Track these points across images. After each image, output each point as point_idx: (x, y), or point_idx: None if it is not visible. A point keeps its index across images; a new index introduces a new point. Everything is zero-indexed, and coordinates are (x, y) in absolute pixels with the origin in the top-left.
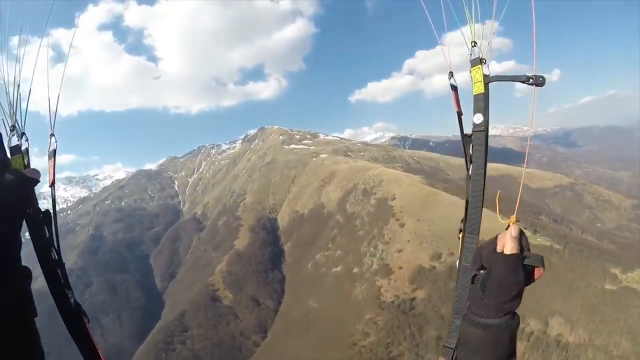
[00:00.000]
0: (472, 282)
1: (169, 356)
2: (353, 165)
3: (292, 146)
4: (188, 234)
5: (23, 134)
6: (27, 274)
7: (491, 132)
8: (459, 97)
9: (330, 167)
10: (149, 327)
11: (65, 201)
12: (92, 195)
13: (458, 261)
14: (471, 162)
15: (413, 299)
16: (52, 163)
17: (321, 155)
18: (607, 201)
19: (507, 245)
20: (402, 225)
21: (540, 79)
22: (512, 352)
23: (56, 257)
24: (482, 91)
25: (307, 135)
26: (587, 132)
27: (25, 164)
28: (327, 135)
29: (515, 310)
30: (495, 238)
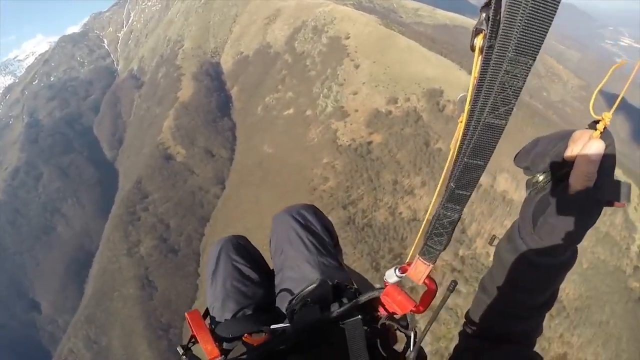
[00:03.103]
0: (526, 171)
1: (136, 227)
2: (301, 1)
3: None
4: (127, 93)
5: None
6: None
7: None
8: None
9: (275, 3)
10: (110, 201)
11: None
12: (17, 81)
13: (464, 95)
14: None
15: (369, 143)
16: None
17: None
18: (556, 74)
19: (578, 173)
20: (357, 67)
21: None
22: (558, 287)
23: None
24: None
25: None
26: None
27: None
28: None
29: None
30: (569, 136)
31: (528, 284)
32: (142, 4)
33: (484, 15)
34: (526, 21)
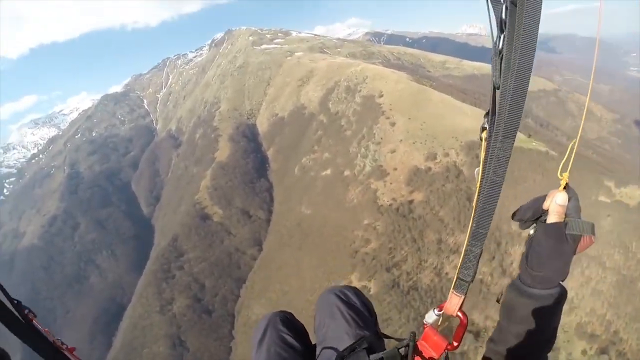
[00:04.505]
0: (521, 227)
1: (170, 284)
2: (332, 62)
3: (264, 46)
4: (165, 152)
5: None
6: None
7: (469, 30)
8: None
9: (307, 65)
10: (144, 256)
11: (35, 145)
12: (61, 133)
13: (482, 174)
14: (506, 28)
15: (411, 202)
16: None
17: (296, 54)
18: (590, 111)
19: (550, 213)
20: (392, 124)
21: None
22: (555, 325)
23: None
24: None
25: (279, 34)
26: (568, 40)
27: None
28: (299, 33)
29: (562, 283)
30: (546, 195)
31: (528, 316)
32: (180, 68)
33: (485, 119)
34: (505, 124)
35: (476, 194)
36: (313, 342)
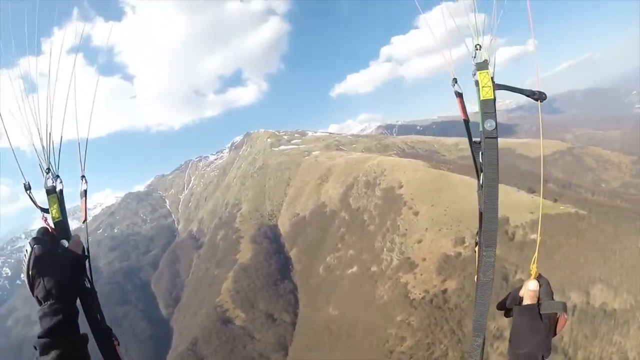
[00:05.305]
0: (505, 315)
1: None
2: (349, 158)
3: (282, 147)
4: (187, 253)
5: (57, 176)
6: (85, 340)
7: (475, 109)
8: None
9: (325, 163)
10: (161, 359)
11: None
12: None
13: (476, 276)
14: (482, 170)
15: (444, 291)
16: (84, 202)
17: (313, 153)
18: (607, 161)
19: (525, 298)
20: (416, 214)
21: (543, 95)
22: None
23: (89, 285)
24: (492, 97)
25: (295, 135)
26: (569, 97)
27: (60, 203)
28: (315, 132)
29: (546, 358)
30: (521, 286)
31: None
32: (201, 170)
33: (477, 236)
34: (485, 236)
35: (475, 294)
36: None
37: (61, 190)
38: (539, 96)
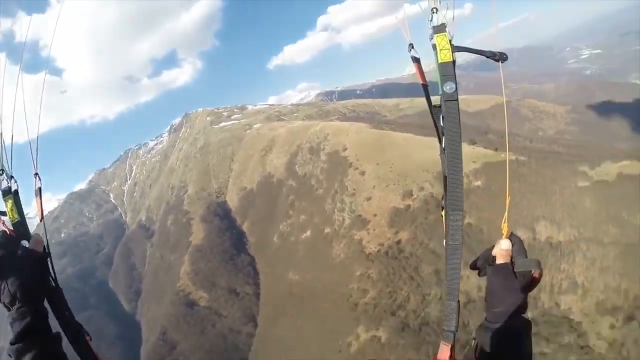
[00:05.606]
0: (479, 274)
1: None
2: (291, 127)
3: (222, 124)
4: (139, 244)
5: (12, 176)
6: (58, 339)
7: (413, 71)
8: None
9: (267, 135)
10: (135, 356)
11: None
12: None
13: (445, 240)
14: (443, 134)
15: (398, 242)
16: (39, 200)
17: (255, 126)
18: (543, 111)
19: (498, 257)
20: (362, 173)
21: (504, 56)
22: (527, 351)
23: (54, 284)
24: (450, 59)
25: (235, 110)
26: (507, 54)
27: (16, 204)
28: (255, 106)
29: (524, 315)
30: (493, 245)
31: (499, 349)
32: (142, 157)
33: (443, 200)
34: (450, 201)
35: (445, 258)
36: None
37: (16, 191)
38: (499, 57)
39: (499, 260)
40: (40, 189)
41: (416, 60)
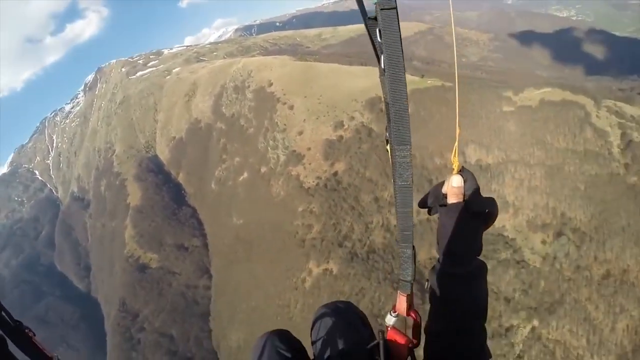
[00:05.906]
0: (429, 212)
1: (139, 350)
2: (212, 67)
3: (139, 74)
4: (77, 218)
5: None
6: (2, 342)
7: None
8: None
9: (188, 78)
10: (101, 334)
11: None
12: None
13: (392, 179)
14: (382, 51)
15: (335, 174)
16: None
17: (174, 71)
18: (466, 38)
19: (449, 196)
20: (291, 108)
21: None
22: (482, 295)
23: None
24: None
25: (151, 57)
26: None
27: None
28: (171, 49)
29: (479, 257)
30: (444, 182)
31: (453, 294)
32: (61, 124)
33: (387, 132)
34: (395, 133)
35: (395, 201)
36: (311, 357)
37: None
38: None
39: (450, 199)
40: None
41: None
